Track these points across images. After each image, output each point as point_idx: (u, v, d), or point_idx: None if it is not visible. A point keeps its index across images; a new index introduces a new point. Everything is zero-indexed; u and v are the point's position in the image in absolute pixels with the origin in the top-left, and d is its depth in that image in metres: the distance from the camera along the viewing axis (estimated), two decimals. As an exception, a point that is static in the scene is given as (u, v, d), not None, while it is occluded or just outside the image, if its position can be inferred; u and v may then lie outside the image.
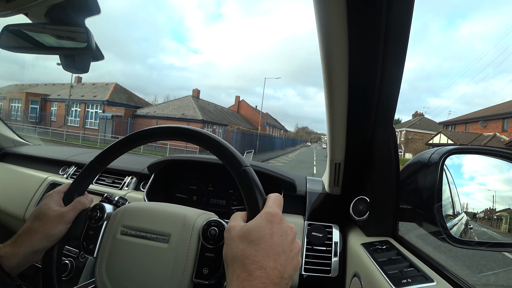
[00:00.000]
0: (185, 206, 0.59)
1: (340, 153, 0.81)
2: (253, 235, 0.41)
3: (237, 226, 0.44)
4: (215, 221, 0.51)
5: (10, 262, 0.50)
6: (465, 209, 0.70)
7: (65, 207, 0.56)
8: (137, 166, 1.20)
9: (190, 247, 0.49)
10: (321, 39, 0.54)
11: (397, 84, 0.62)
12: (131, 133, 0.58)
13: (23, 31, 0.59)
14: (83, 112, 22.92)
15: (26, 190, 1.19)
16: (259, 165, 0.99)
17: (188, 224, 0.51)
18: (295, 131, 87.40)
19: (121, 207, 0.58)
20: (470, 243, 0.66)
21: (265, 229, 0.42)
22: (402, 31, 0.53)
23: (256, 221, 0.43)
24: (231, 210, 1.06)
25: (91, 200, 0.60)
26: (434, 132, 24.16)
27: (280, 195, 0.50)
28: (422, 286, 0.52)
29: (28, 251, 0.51)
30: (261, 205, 0.47)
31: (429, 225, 0.68)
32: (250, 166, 0.50)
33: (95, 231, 0.56)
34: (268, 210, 0.45)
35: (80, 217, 0.57)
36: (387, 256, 0.64)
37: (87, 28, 0.58)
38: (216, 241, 0.49)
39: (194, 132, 0.54)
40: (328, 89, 0.64)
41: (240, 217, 0.47)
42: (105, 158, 0.59)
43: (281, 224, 0.43)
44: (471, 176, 0.75)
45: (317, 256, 0.82)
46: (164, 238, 0.51)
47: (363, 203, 0.80)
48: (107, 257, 0.53)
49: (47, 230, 0.53)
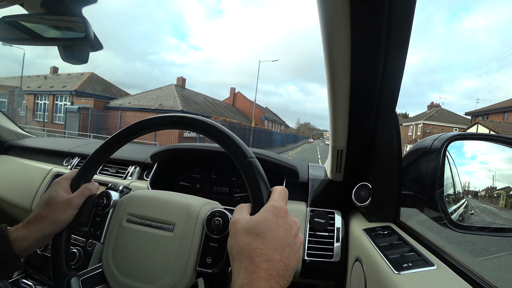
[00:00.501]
0: (190, 195, 0.60)
1: (343, 140, 0.81)
2: (259, 228, 0.41)
3: (243, 219, 0.44)
4: (219, 212, 0.52)
5: (21, 246, 0.52)
6: (466, 188, 0.71)
7: (72, 193, 0.57)
8: (140, 155, 1.21)
9: (194, 236, 0.50)
10: (324, 29, 0.53)
11: (399, 74, 0.62)
12: (136, 121, 0.58)
13: (20, 22, 0.58)
14: (51, 105, 20.52)
15: (32, 181, 1.20)
16: (261, 152, 0.99)
17: (193, 214, 0.52)
18: (296, 127, 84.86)
19: (126, 195, 0.59)
20: (471, 228, 0.67)
21: (271, 222, 0.42)
22: (405, 21, 0.52)
23: (262, 215, 0.44)
24: (234, 198, 1.08)
25: (97, 187, 0.62)
26: (456, 125, 21.73)
27: (285, 188, 0.49)
28: (422, 270, 0.53)
29: (38, 236, 0.54)
30: (266, 198, 0.47)
31: (430, 210, 0.68)
32: (255, 157, 0.50)
33: (102, 217, 0.58)
34: (274, 203, 0.45)
35: (87, 203, 0.59)
36: (389, 241, 0.65)
37: (85, 18, 0.57)
38: (220, 231, 0.50)
39: (198, 122, 0.54)
40: (330, 78, 0.63)
41: (245, 209, 0.47)
42: (111, 146, 0.60)
43: (286, 218, 0.44)
44: (473, 156, 0.75)
45: (320, 242, 0.84)
46: (169, 227, 0.52)
47: (365, 189, 0.81)
48: (114, 243, 0.54)
49: (55, 216, 0.54)
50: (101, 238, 0.56)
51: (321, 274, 0.82)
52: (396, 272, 0.53)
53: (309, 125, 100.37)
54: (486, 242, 3.18)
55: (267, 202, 0.46)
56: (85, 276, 0.55)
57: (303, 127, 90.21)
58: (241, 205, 0.49)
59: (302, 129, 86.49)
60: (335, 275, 0.81)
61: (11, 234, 0.52)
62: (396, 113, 0.73)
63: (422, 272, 0.52)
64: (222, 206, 0.57)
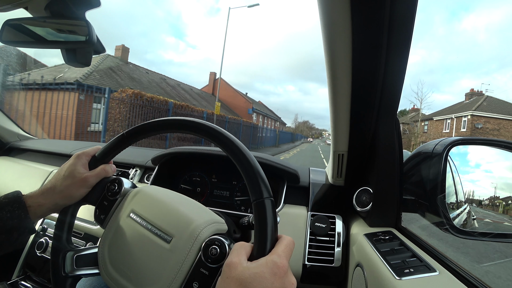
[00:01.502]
0: (197, 205, 0.58)
1: (344, 144, 0.81)
2: (252, 284, 0.40)
3: (239, 265, 0.42)
4: (218, 241, 0.50)
5: (36, 212, 0.55)
6: (471, 196, 0.71)
7: (89, 172, 0.59)
8: (141, 158, 1.21)
9: (188, 256, 0.49)
10: (325, 31, 0.54)
11: (400, 76, 0.61)
12: (165, 117, 0.58)
13: (24, 25, 0.58)
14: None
15: (33, 183, 1.21)
16: (261, 156, 0.99)
17: (193, 233, 0.51)
18: (295, 125, 78.94)
19: (136, 189, 0.59)
20: (473, 233, 0.66)
21: (267, 281, 0.40)
22: (406, 22, 0.52)
23: (260, 269, 0.41)
24: (234, 202, 1.07)
25: (114, 170, 0.63)
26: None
27: (293, 240, 0.47)
28: (424, 276, 0.52)
29: (51, 205, 0.57)
30: (270, 246, 0.45)
31: (432, 215, 0.68)
32: (272, 197, 0.47)
33: (109, 203, 0.59)
34: (276, 260, 0.43)
35: (100, 184, 0.60)
36: (390, 246, 0.64)
37: (88, 21, 0.58)
38: (214, 261, 0.48)
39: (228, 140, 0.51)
40: (331, 80, 0.64)
41: (244, 252, 0.45)
42: (136, 132, 0.59)
43: (283, 278, 0.42)
44: (477, 164, 0.75)
45: (320, 247, 0.83)
46: (167, 238, 0.51)
47: (366, 194, 0.81)
48: (113, 234, 0.55)
49: (70, 191, 0.57)
50: (104, 223, 0.57)
51: (322, 279, 0.82)
52: (397, 278, 0.52)
53: (308, 123, 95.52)
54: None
55: (270, 254, 0.44)
56: (79, 254, 0.56)
57: (301, 126, 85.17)
58: (241, 245, 0.46)
59: (301, 127, 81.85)
60: (336, 280, 0.81)
61: (27, 201, 0.55)
62: (397, 117, 0.73)
63: (423, 278, 0.52)
64: (226, 228, 0.55)
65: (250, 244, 0.46)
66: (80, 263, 0.56)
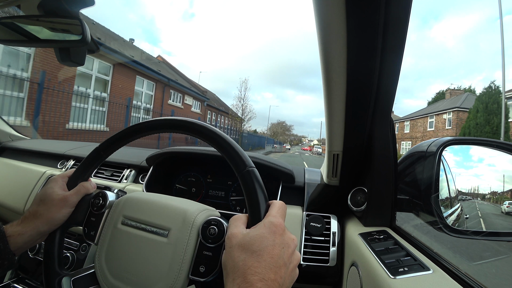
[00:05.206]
0: (187, 200, 0.59)
1: (339, 144, 0.81)
2: (255, 245, 0.41)
3: (239, 234, 0.43)
4: (215, 220, 0.51)
5: (17, 242, 0.52)
6: (475, 191, 0.71)
7: (68, 191, 0.57)
8: (135, 159, 1.20)
9: (188, 243, 0.49)
10: (320, 32, 0.54)
11: (395, 77, 0.62)
12: (134, 123, 0.58)
13: (17, 23, 0.58)
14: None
15: (25, 184, 1.19)
16: (256, 156, 0.99)
17: (188, 220, 0.51)
18: (270, 131, 57.93)
19: (123, 197, 0.59)
20: (466, 232, 0.67)
21: (268, 240, 0.41)
22: (400, 25, 0.52)
23: (259, 231, 0.43)
24: (230, 202, 1.07)
25: (94, 186, 0.62)
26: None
27: (284, 203, 0.48)
28: (418, 275, 0.53)
29: (33, 233, 0.53)
30: (264, 212, 0.46)
31: (426, 215, 0.69)
32: (255, 166, 0.49)
33: (97, 218, 0.57)
34: (272, 220, 0.44)
35: (83, 202, 0.58)
36: (385, 245, 0.65)
37: (82, 20, 0.57)
38: (214, 240, 0.49)
39: (198, 126, 0.53)
40: (326, 81, 0.64)
41: (241, 222, 0.46)
42: (110, 145, 0.59)
43: (283, 235, 0.43)
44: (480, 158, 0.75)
45: (316, 246, 0.84)
46: (164, 232, 0.51)
47: (361, 194, 0.81)
48: (107, 245, 0.54)
49: (51, 213, 0.54)
50: (95, 239, 0.56)
51: (317, 279, 0.82)
52: (392, 276, 0.52)
53: (284, 124, 67.31)
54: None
55: (265, 217, 0.45)
56: (76, 276, 0.54)
57: (275, 127, 62.08)
58: (237, 217, 0.47)
59: (275, 128, 61.56)
60: (331, 279, 0.81)
61: (7, 230, 0.52)
62: (392, 117, 0.73)
63: (418, 277, 0.52)
64: (219, 214, 0.56)
65: (245, 215, 0.48)
66: (78, 286, 0.54)
